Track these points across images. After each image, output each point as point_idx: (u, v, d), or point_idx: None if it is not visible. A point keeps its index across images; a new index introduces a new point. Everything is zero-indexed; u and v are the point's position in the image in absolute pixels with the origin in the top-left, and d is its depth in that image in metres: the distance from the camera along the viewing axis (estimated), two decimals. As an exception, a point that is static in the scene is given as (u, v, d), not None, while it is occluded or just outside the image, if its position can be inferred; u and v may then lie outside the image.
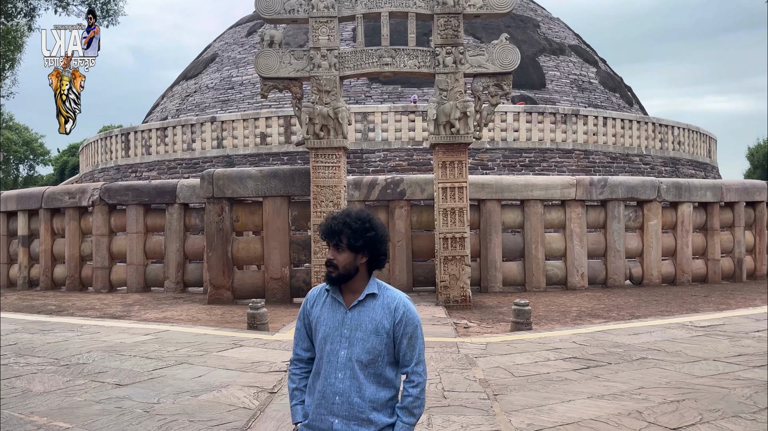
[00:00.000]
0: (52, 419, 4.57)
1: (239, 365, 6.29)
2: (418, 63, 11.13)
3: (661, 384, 5.41)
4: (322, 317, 2.46)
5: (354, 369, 2.37)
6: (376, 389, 2.39)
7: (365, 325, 2.40)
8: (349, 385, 2.37)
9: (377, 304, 2.41)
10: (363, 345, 2.38)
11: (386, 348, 2.40)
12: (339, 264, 2.39)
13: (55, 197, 14.68)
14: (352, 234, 2.36)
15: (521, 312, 8.36)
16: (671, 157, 21.42)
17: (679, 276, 14.07)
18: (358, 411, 2.36)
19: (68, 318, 9.89)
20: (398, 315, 2.40)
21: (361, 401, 2.36)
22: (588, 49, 26.54)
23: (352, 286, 2.44)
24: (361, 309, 2.42)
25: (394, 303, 2.41)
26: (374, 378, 2.39)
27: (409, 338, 2.40)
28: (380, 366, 2.39)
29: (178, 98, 25.06)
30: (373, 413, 2.37)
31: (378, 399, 2.38)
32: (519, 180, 13.42)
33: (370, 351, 2.37)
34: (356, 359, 2.37)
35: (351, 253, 2.38)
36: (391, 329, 2.39)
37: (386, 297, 2.43)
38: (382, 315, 2.39)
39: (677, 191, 14.06)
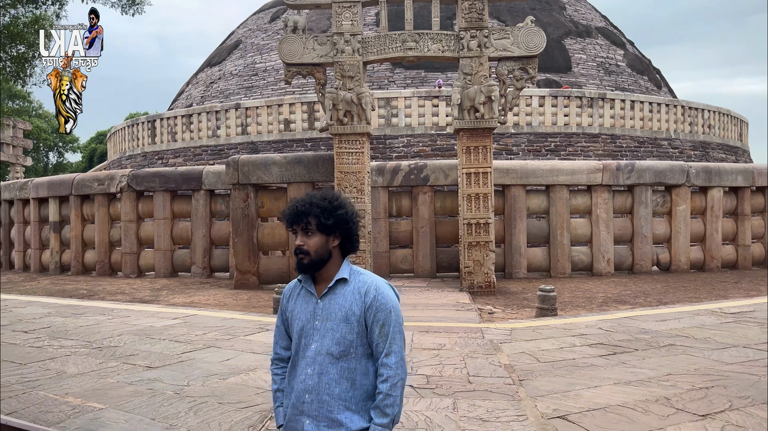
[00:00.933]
0: (86, 400, 4.70)
1: (266, 349, 6.37)
2: (442, 47, 11.04)
3: (690, 370, 5.35)
4: (296, 310, 2.27)
5: (323, 363, 2.15)
6: (350, 386, 2.15)
7: (335, 313, 2.17)
8: (318, 381, 2.15)
9: (348, 290, 2.19)
10: (333, 335, 2.16)
11: (359, 338, 2.16)
12: (310, 249, 2.17)
13: (85, 184, 14.95)
14: (321, 213, 2.15)
15: (546, 298, 8.32)
16: (701, 140, 20.98)
17: (708, 262, 13.84)
18: (327, 410, 2.13)
19: (99, 302, 10.12)
20: (368, 299, 2.16)
21: (330, 399, 2.14)
22: (615, 31, 26.02)
23: (325, 274, 2.23)
24: (332, 297, 2.20)
25: (365, 287, 2.18)
26: (347, 373, 2.15)
27: (381, 326, 2.14)
28: (353, 360, 2.16)
29: (202, 85, 25.25)
30: (345, 413, 2.13)
31: (351, 397, 2.15)
32: (544, 165, 13.28)
33: (340, 342, 2.14)
34: (326, 352, 2.16)
35: (322, 235, 2.18)
36: (361, 316, 2.15)
37: (358, 282, 2.20)
38: (352, 301, 2.17)
39: (707, 175, 13.79)
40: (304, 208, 2.18)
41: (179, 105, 25.84)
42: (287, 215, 2.22)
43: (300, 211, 2.17)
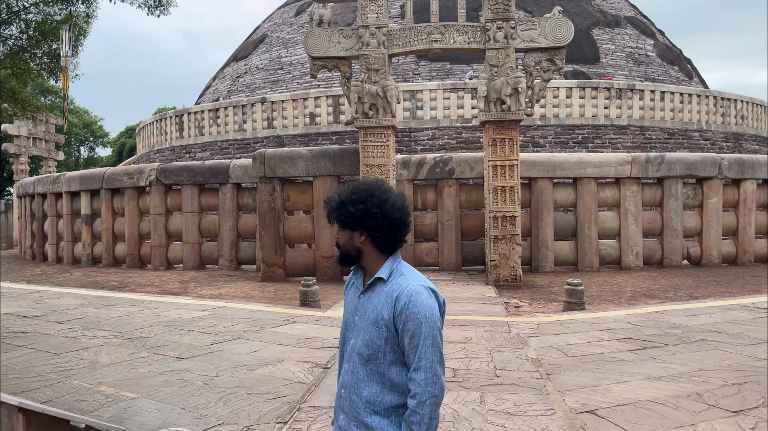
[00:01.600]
0: (119, 389, 4.80)
1: (293, 341, 6.43)
2: (468, 39, 10.96)
3: (722, 366, 5.26)
4: (346, 301, 2.24)
5: (355, 362, 2.08)
6: (380, 390, 2.04)
7: (368, 314, 2.07)
8: (350, 380, 2.10)
9: (383, 291, 2.06)
10: (364, 336, 2.07)
11: (388, 344, 2.03)
12: (340, 243, 2.13)
13: (115, 178, 15.22)
14: (338, 209, 2.08)
15: (574, 291, 8.23)
16: (733, 132, 20.51)
17: (740, 256, 13.56)
18: (356, 410, 2.06)
19: (130, 294, 10.31)
20: (399, 306, 2.00)
21: (359, 400, 2.06)
22: (645, 20, 25.53)
23: (368, 269, 2.13)
24: (370, 295, 2.10)
25: (398, 292, 2.01)
26: (377, 377, 2.04)
27: (411, 336, 1.98)
28: (383, 365, 2.04)
29: (228, 79, 25.46)
30: (372, 416, 2.03)
31: (380, 402, 2.04)
32: (571, 157, 13.12)
33: (369, 345, 2.05)
34: (357, 351, 2.08)
35: (346, 231, 2.09)
36: (390, 322, 2.02)
37: (394, 284, 2.05)
38: (383, 305, 2.03)
39: (740, 168, 13.49)
40: (331, 203, 2.11)
41: (206, 99, 26.11)
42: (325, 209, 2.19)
43: (331, 206, 2.12)
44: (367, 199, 2.05)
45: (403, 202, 2.10)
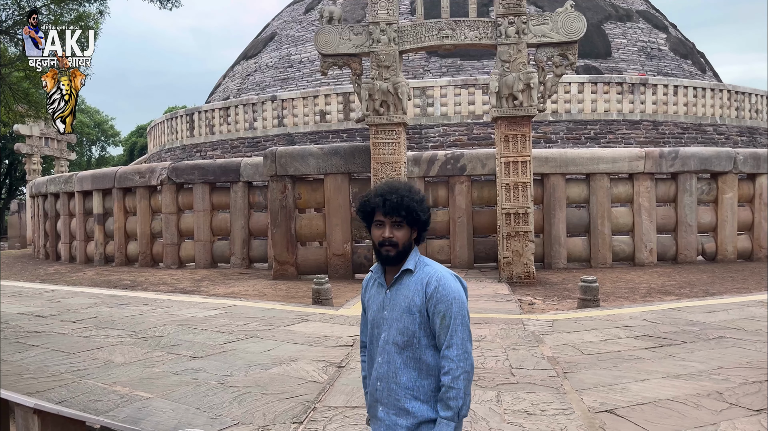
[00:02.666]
0: (134, 389, 4.79)
1: (306, 339, 6.41)
2: (479, 34, 10.87)
3: (742, 364, 5.17)
4: (371, 300, 2.33)
5: (391, 352, 2.19)
6: (417, 376, 2.16)
7: (399, 304, 2.19)
8: (387, 370, 2.19)
9: (412, 281, 2.19)
10: (397, 325, 2.18)
11: (422, 329, 2.16)
12: (399, 241, 2.18)
13: (127, 177, 15.27)
14: (417, 207, 2.16)
15: (589, 288, 8.15)
16: (748, 126, 20.26)
17: (756, 252, 13.40)
18: (395, 398, 2.17)
19: (142, 293, 10.34)
20: (429, 290, 2.15)
21: (397, 388, 2.17)
22: (657, 14, 25.26)
23: (399, 265, 2.24)
24: (398, 288, 2.21)
25: (427, 278, 2.17)
26: (414, 363, 2.17)
27: (442, 317, 2.12)
28: (418, 350, 2.16)
29: (239, 78, 25.49)
30: (413, 402, 2.16)
31: (418, 387, 2.16)
32: (584, 153, 13.01)
33: (403, 332, 2.16)
34: (392, 341, 2.19)
35: (408, 229, 2.19)
36: (423, 307, 2.15)
37: (422, 273, 2.19)
38: (414, 292, 2.17)
39: (755, 162, 13.31)
40: (398, 200, 2.15)
41: (216, 98, 26.16)
42: (383, 206, 2.17)
43: (395, 203, 2.15)
44: (421, 198, 2.19)
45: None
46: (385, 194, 2.18)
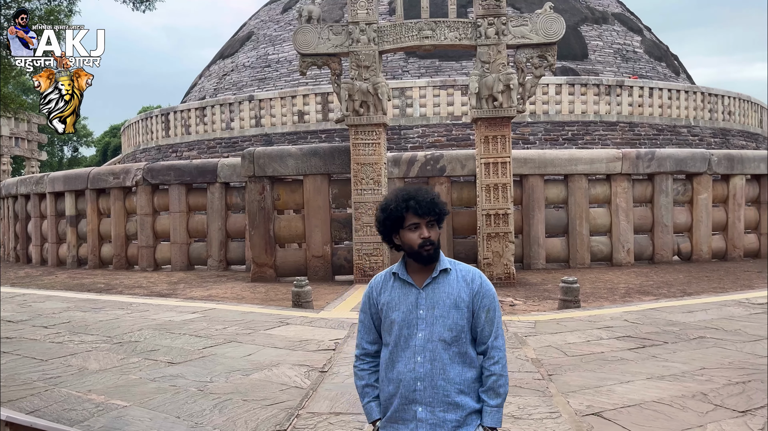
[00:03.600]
0: (110, 397, 4.64)
1: (287, 343, 6.30)
2: (459, 35, 10.85)
3: (724, 364, 5.20)
4: (393, 302, 2.30)
5: (436, 350, 2.23)
6: (462, 369, 2.25)
7: (443, 301, 2.25)
8: (431, 368, 2.22)
9: (452, 278, 2.29)
10: (444, 322, 2.24)
11: (468, 324, 2.27)
12: (435, 240, 2.28)
13: (100, 178, 14.95)
14: (443, 208, 2.29)
15: (569, 289, 8.17)
16: (721, 127, 20.62)
17: (730, 252, 13.60)
18: (443, 395, 2.21)
19: (117, 297, 10.11)
20: (475, 287, 2.28)
21: (446, 383, 2.22)
22: (632, 16, 25.60)
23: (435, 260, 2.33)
24: (435, 286, 2.28)
25: (470, 275, 2.30)
26: (459, 357, 2.25)
27: (487, 311, 2.27)
28: (464, 344, 2.26)
29: (215, 77, 25.19)
30: (460, 396, 2.23)
31: (465, 380, 2.25)
32: (562, 154, 13.08)
33: (452, 328, 2.24)
34: (438, 338, 2.23)
35: (437, 228, 2.30)
36: (470, 302, 2.26)
37: (460, 271, 2.31)
38: (459, 288, 2.27)
39: (729, 163, 13.52)
40: (430, 200, 2.25)
41: (192, 98, 25.81)
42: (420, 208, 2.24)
43: (428, 203, 2.25)
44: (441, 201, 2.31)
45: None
46: (415, 197, 2.26)
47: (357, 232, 11.03)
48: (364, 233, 10.97)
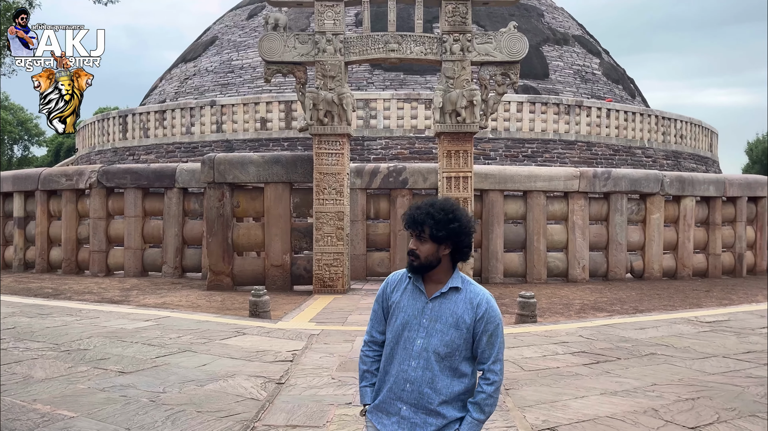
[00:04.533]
0: (56, 407, 4.46)
1: (244, 354, 6.19)
2: (424, 50, 10.96)
3: (674, 381, 5.34)
4: (402, 303, 2.42)
5: (429, 359, 2.34)
6: (450, 382, 2.36)
7: (445, 318, 2.36)
8: (422, 375, 2.34)
9: (460, 298, 2.37)
10: (442, 337, 2.34)
11: (464, 343, 2.35)
12: (421, 254, 2.35)
13: (52, 179, 14.49)
14: (435, 224, 2.31)
15: (526, 304, 8.28)
16: (673, 150, 21.34)
17: (680, 270, 14.04)
18: (427, 401, 2.34)
19: (66, 302, 9.77)
20: (480, 311, 2.35)
21: (432, 392, 2.34)
22: (591, 39, 26.34)
23: (435, 277, 2.40)
24: (443, 301, 2.37)
25: (477, 299, 2.37)
26: (449, 371, 2.36)
27: (489, 336, 2.35)
28: (457, 360, 2.36)
29: (176, 81, 24.77)
30: (443, 406, 2.35)
31: (450, 392, 2.35)
32: (522, 171, 13.31)
33: (448, 344, 2.34)
34: (433, 350, 2.34)
35: (434, 244, 2.33)
36: (471, 325, 2.35)
37: (469, 292, 2.38)
38: (464, 310, 2.35)
39: (680, 185, 13.99)
40: (420, 217, 2.33)
41: (152, 100, 25.31)
42: (406, 220, 2.39)
43: (417, 219, 2.33)
44: (460, 218, 2.34)
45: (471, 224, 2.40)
46: (413, 209, 2.38)
47: (318, 242, 10.96)
48: (324, 243, 10.91)
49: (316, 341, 6.82)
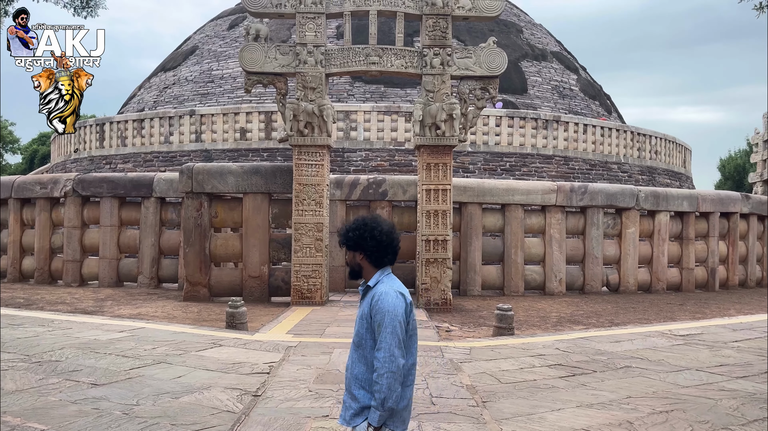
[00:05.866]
0: (26, 419, 4.36)
1: (220, 365, 6.12)
2: (405, 63, 11.04)
3: (648, 393, 5.40)
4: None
5: (351, 348, 2.76)
6: (365, 369, 2.67)
7: (359, 312, 2.76)
8: (349, 363, 2.75)
9: (369, 294, 2.72)
10: (356, 328, 2.75)
11: (368, 333, 2.67)
12: (348, 261, 2.82)
13: (26, 187, 14.24)
14: (343, 235, 2.77)
15: (504, 317, 8.33)
16: (648, 165, 21.71)
17: (654, 284, 14.23)
18: (349, 386, 2.72)
19: (38, 313, 9.58)
20: (373, 303, 2.65)
21: (351, 377, 2.71)
22: (569, 56, 26.78)
23: (366, 279, 2.78)
24: (363, 298, 2.78)
25: (375, 293, 2.67)
26: (363, 359, 2.68)
27: (378, 325, 2.61)
28: (366, 349, 2.67)
29: (155, 90, 24.59)
30: (360, 390, 2.67)
31: (365, 379, 2.67)
32: (500, 184, 13.43)
33: (358, 334, 2.72)
34: (353, 340, 2.76)
35: (350, 252, 2.77)
36: (368, 315, 2.66)
37: (375, 289, 2.70)
38: (366, 304, 2.71)
39: (655, 200, 14.22)
40: (340, 232, 2.80)
41: (130, 109, 25.08)
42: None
43: (339, 234, 2.80)
44: (361, 227, 2.72)
45: (389, 229, 2.75)
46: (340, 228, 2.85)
47: (296, 253, 10.91)
48: (303, 254, 10.86)
49: (293, 353, 6.78)
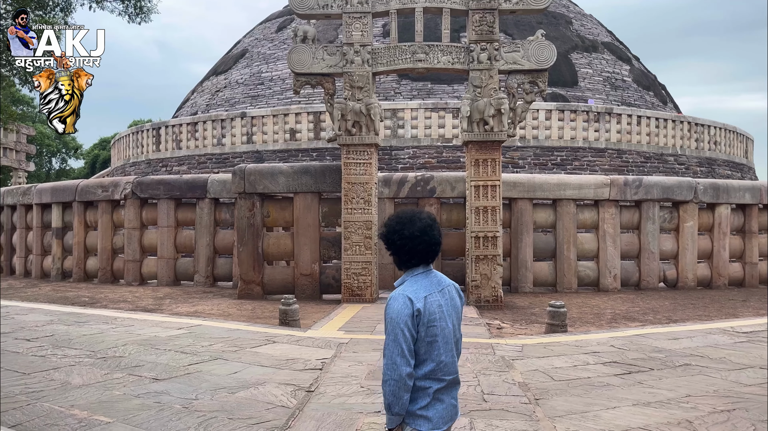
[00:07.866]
0: (93, 413, 4.58)
1: (274, 362, 6.26)
2: (451, 59, 10.99)
3: (709, 392, 5.23)
4: None
5: None
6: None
7: None
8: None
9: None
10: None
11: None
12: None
13: (89, 190, 14.87)
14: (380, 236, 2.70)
15: (557, 313, 8.20)
16: (707, 157, 20.93)
17: (715, 280, 13.72)
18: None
19: (102, 311, 10.00)
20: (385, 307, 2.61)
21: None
22: (621, 46, 26.06)
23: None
24: None
25: (389, 297, 2.59)
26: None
27: (385, 331, 2.56)
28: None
29: (208, 93, 25.24)
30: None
31: None
32: (551, 179, 13.20)
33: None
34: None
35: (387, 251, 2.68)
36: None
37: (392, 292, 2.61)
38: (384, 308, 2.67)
39: (715, 192, 13.71)
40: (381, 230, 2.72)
41: (184, 113, 25.83)
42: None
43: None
44: (388, 230, 2.63)
45: (419, 230, 2.57)
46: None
47: (346, 251, 11.03)
48: (353, 252, 10.97)
49: (344, 350, 6.86)
